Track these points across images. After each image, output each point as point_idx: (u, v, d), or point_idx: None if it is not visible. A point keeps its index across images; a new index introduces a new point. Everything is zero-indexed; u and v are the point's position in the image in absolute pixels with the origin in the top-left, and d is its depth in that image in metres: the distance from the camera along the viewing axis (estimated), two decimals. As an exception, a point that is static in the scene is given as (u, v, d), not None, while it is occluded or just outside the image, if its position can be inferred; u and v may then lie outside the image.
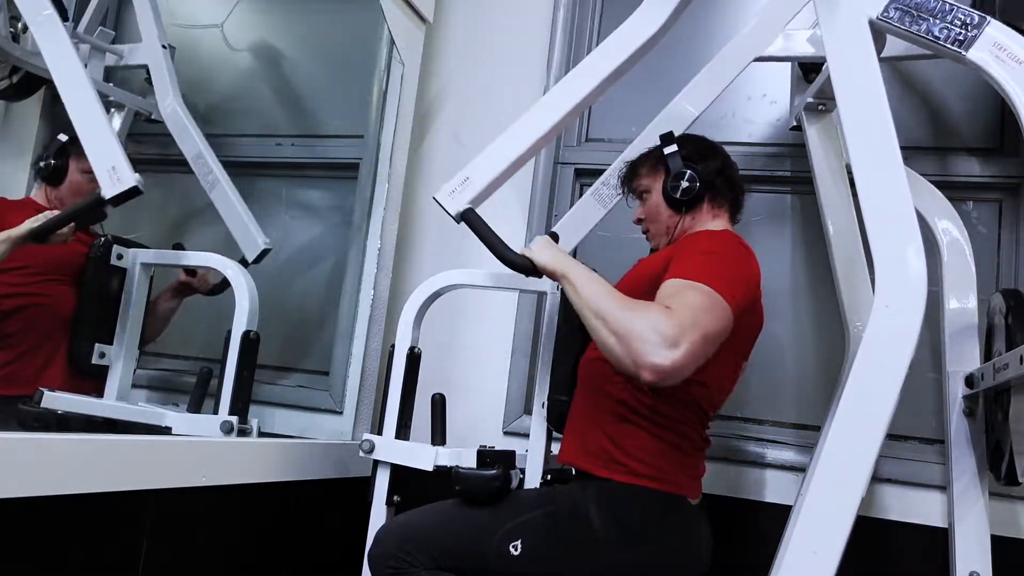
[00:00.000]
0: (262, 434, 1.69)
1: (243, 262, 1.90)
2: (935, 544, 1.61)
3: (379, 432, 1.60)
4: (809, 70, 1.83)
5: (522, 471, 1.59)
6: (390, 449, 1.56)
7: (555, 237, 1.58)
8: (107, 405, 1.72)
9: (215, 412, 1.63)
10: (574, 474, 1.44)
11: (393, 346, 1.63)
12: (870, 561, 1.66)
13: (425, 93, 2.25)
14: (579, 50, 2.18)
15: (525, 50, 2.18)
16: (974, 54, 1.14)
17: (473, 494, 1.39)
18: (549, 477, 1.59)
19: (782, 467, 1.79)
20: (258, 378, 1.71)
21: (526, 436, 1.68)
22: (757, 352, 1.89)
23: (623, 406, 1.38)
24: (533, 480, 1.60)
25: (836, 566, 1.05)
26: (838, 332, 1.71)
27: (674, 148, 1.51)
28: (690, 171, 1.47)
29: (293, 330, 2.23)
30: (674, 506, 1.37)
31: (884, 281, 1.10)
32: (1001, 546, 1.49)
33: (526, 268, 1.36)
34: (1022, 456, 1.32)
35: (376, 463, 1.58)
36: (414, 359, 1.63)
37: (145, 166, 2.07)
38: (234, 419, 1.60)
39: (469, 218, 1.38)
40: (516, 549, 1.32)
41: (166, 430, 1.62)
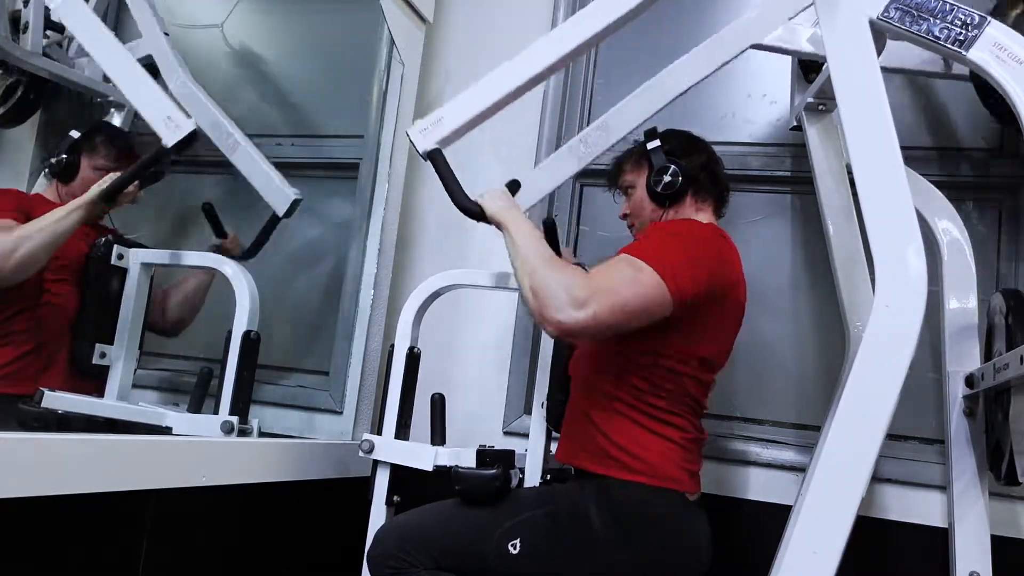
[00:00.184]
0: (262, 434, 1.69)
1: (274, 219, 1.90)
2: (935, 544, 1.61)
3: (379, 432, 1.60)
4: (809, 70, 1.83)
5: (522, 471, 1.59)
6: (390, 449, 1.56)
7: (517, 185, 1.60)
8: (107, 405, 1.72)
9: (215, 412, 1.63)
10: (573, 473, 1.45)
11: (393, 346, 1.63)
12: (870, 561, 1.66)
13: (425, 93, 2.25)
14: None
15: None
16: (974, 54, 1.14)
17: (473, 494, 1.40)
18: (549, 477, 1.59)
19: (782, 467, 1.79)
20: (258, 378, 1.71)
21: (526, 436, 1.68)
22: (757, 352, 1.92)
23: (617, 401, 1.38)
24: (533, 480, 1.60)
25: (836, 566, 1.05)
26: (838, 332, 1.71)
27: (657, 143, 1.53)
28: (673, 166, 1.50)
29: (293, 330, 2.23)
30: (673, 503, 1.37)
31: (884, 281, 1.10)
32: (1001, 546, 1.49)
33: (475, 214, 1.42)
34: (1022, 456, 1.32)
35: (376, 463, 1.58)
36: (414, 359, 1.63)
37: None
38: (234, 419, 1.60)
39: (434, 157, 1.43)
40: (515, 548, 1.32)
41: (166, 430, 1.62)
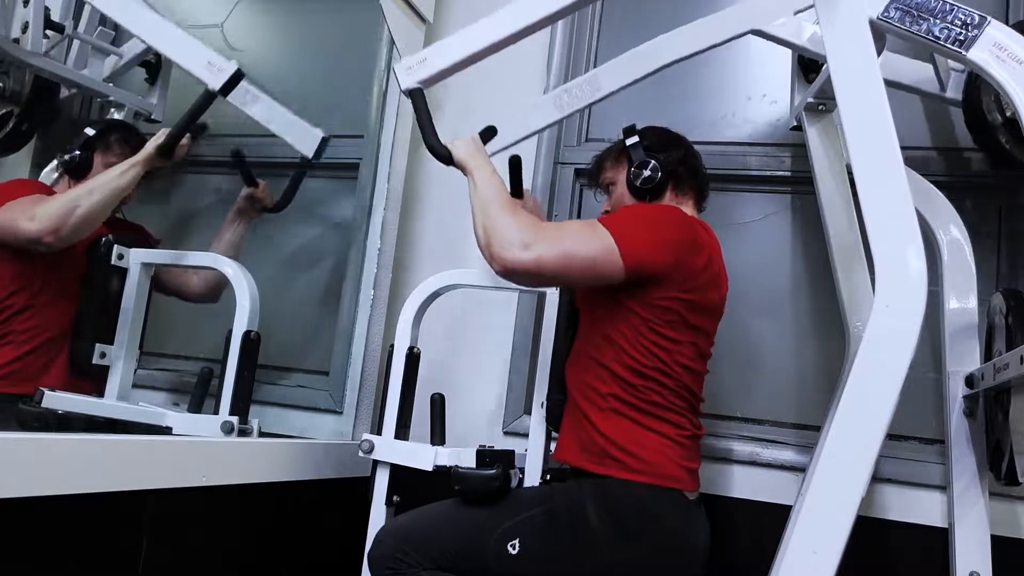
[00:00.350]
0: (262, 434, 1.69)
1: (303, 168, 1.92)
2: (935, 544, 1.60)
3: (379, 432, 1.60)
4: (809, 70, 1.83)
5: (522, 471, 1.59)
6: (389, 449, 1.56)
7: (493, 131, 1.61)
8: (107, 405, 1.72)
9: (215, 412, 1.63)
10: (572, 473, 1.45)
11: (393, 346, 1.63)
12: (870, 561, 1.66)
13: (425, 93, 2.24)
14: (579, 51, 2.18)
15: (525, 50, 2.17)
16: (974, 54, 1.14)
17: (472, 494, 1.40)
18: (548, 477, 1.59)
19: (782, 467, 1.79)
20: (258, 378, 1.71)
21: (526, 436, 1.68)
22: (757, 352, 1.92)
23: (614, 399, 1.38)
24: (532, 480, 1.60)
25: (836, 566, 1.05)
26: (838, 332, 1.71)
27: (636, 139, 1.54)
28: (653, 161, 1.51)
29: (293, 330, 2.22)
30: (671, 502, 1.37)
31: (884, 281, 1.10)
32: (1001, 546, 1.49)
33: (443, 157, 1.46)
34: (1022, 456, 1.32)
35: (376, 463, 1.58)
36: (413, 359, 1.63)
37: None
38: (235, 419, 1.60)
39: (414, 95, 1.46)
40: (515, 548, 1.32)
41: (166, 430, 1.62)
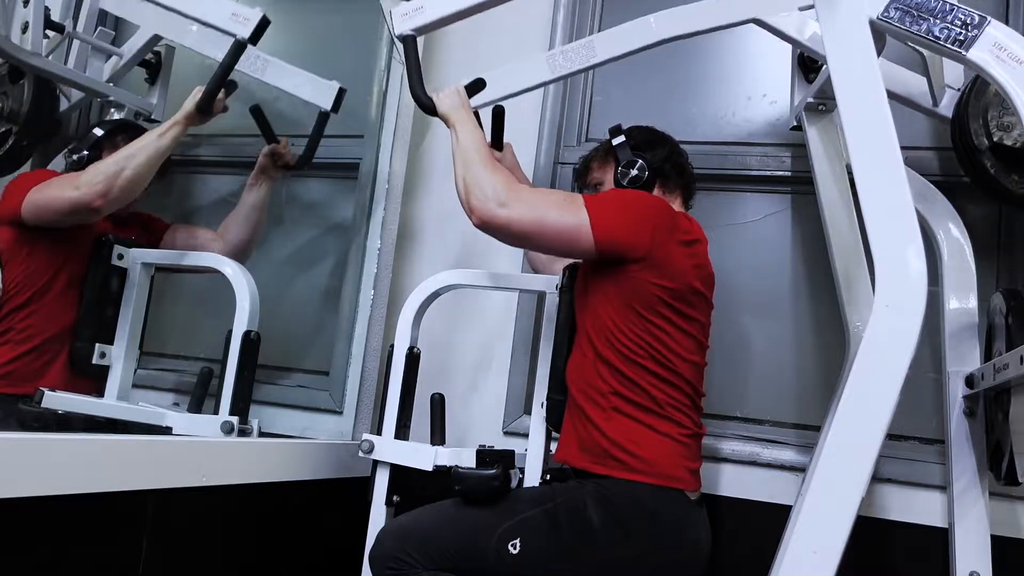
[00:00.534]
0: (262, 434, 1.69)
1: (322, 123, 1.96)
2: (935, 544, 1.61)
3: (379, 432, 1.60)
4: (809, 70, 1.83)
5: (522, 471, 1.59)
6: (390, 449, 1.56)
7: (481, 84, 1.63)
8: (107, 405, 1.72)
9: (215, 412, 1.63)
10: (572, 473, 1.45)
11: (393, 346, 1.63)
12: (870, 561, 1.66)
13: (425, 93, 2.25)
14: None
15: (525, 50, 2.17)
16: (974, 54, 1.14)
17: (473, 494, 1.40)
18: (548, 477, 1.59)
19: (782, 467, 1.79)
20: (258, 378, 1.71)
21: (526, 436, 1.68)
22: (757, 352, 1.92)
23: (615, 397, 1.38)
24: (533, 480, 1.60)
25: (836, 566, 1.05)
26: (838, 332, 1.71)
27: (622, 139, 1.55)
28: (640, 160, 1.53)
29: (293, 330, 2.22)
30: (672, 502, 1.37)
31: (884, 281, 1.10)
32: (1001, 546, 1.49)
33: (427, 108, 1.51)
34: (1022, 456, 1.32)
35: (376, 463, 1.58)
36: (413, 359, 1.63)
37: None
38: (235, 419, 1.60)
39: (406, 42, 1.50)
40: (515, 548, 1.32)
41: (166, 430, 1.62)
